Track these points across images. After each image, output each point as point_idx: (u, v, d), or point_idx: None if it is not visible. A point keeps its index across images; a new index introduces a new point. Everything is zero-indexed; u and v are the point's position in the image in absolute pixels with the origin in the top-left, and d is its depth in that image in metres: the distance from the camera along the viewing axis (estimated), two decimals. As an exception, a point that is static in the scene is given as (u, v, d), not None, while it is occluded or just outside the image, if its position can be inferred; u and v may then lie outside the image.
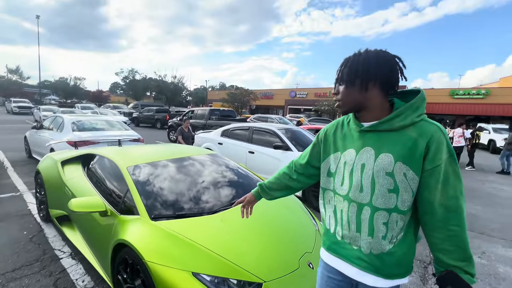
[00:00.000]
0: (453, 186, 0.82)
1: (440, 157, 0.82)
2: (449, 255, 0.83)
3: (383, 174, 0.86)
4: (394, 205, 0.86)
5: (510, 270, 2.58)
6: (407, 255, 0.91)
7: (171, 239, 1.59)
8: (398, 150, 0.85)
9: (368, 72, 0.86)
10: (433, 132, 0.83)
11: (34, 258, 2.35)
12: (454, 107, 26.42)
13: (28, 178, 4.72)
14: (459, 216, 0.82)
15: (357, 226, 0.92)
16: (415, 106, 0.86)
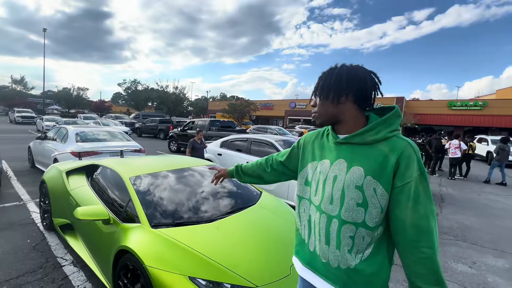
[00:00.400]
0: (423, 205, 0.80)
1: (410, 174, 0.81)
2: (422, 278, 0.81)
3: (353, 187, 0.85)
4: (362, 219, 0.85)
5: (499, 280, 2.65)
6: (378, 276, 0.88)
7: (170, 245, 1.70)
8: (369, 164, 0.85)
9: (339, 86, 0.89)
10: (403, 148, 0.82)
11: (38, 265, 2.44)
12: (452, 118, 26.68)
13: (31, 187, 4.83)
14: (431, 237, 0.80)
15: (326, 238, 0.91)
16: (389, 122, 0.87)
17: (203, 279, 1.51)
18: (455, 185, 7.36)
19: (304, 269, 1.01)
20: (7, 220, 3.38)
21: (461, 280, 2.59)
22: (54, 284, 2.19)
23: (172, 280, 1.50)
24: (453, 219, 4.45)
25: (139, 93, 45.11)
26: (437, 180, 8.05)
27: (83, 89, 47.56)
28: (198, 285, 1.48)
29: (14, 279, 2.22)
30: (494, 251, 3.28)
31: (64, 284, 2.20)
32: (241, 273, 1.58)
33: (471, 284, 2.54)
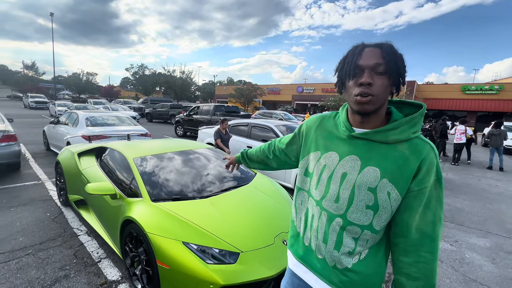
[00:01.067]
0: (433, 211, 0.77)
1: (428, 179, 0.76)
2: (413, 282, 0.78)
3: (365, 189, 0.78)
4: (369, 222, 0.80)
5: (476, 256, 2.83)
6: (375, 278, 0.85)
7: (167, 216, 1.95)
8: (387, 166, 0.77)
9: (402, 67, 0.76)
10: (427, 152, 0.77)
11: (57, 234, 2.78)
12: (465, 103, 25.80)
13: (47, 168, 5.22)
14: (434, 243, 0.77)
15: (325, 236, 0.86)
16: (414, 122, 0.79)
17: (195, 244, 1.76)
18: (458, 170, 7.39)
19: (297, 264, 0.96)
20: (28, 197, 3.75)
21: (439, 256, 2.77)
22: (72, 249, 2.52)
23: (169, 244, 1.76)
24: (447, 202, 4.57)
25: (147, 78, 45.38)
26: (440, 165, 8.06)
27: (92, 74, 48.20)
28: (190, 249, 1.73)
29: (38, 244, 2.57)
30: (479, 232, 3.44)
31: (80, 250, 2.52)
32: (229, 241, 1.82)
33: (448, 259, 2.73)
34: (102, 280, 2.11)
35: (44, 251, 2.46)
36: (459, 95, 26.37)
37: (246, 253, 1.78)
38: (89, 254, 2.46)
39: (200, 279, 1.61)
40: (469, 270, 2.55)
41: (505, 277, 2.48)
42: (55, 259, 2.35)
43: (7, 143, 4.42)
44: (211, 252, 1.75)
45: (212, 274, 1.61)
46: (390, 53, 0.74)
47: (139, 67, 49.99)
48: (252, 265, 1.73)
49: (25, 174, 4.83)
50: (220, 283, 1.59)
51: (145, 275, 1.94)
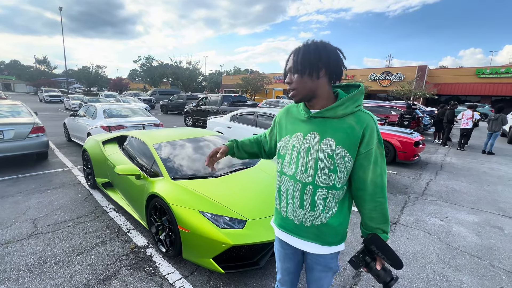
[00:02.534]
0: (380, 166, 0.99)
1: (372, 142, 0.97)
2: (374, 221, 1.03)
3: (325, 157, 0.98)
4: (332, 183, 1.01)
5: (463, 229, 3.10)
6: (342, 225, 1.07)
7: (185, 191, 2.31)
8: (339, 136, 0.97)
9: (319, 60, 0.94)
10: (368, 121, 0.97)
11: (90, 211, 3.22)
12: (479, 87, 25.00)
13: (71, 157, 5.72)
14: (384, 189, 1.01)
15: (301, 203, 1.05)
16: (355, 98, 0.98)
17: (209, 212, 2.12)
18: (462, 155, 7.49)
19: (279, 231, 1.18)
20: (60, 181, 4.23)
21: (428, 229, 3.07)
22: (104, 223, 2.95)
23: (188, 213, 2.12)
24: (444, 184, 4.80)
25: (154, 70, 45.71)
26: (445, 150, 8.17)
27: (101, 67, 48.92)
28: (206, 216, 2.09)
29: (76, 219, 3.01)
30: (471, 209, 3.68)
31: (111, 223, 2.95)
32: (237, 210, 2.17)
33: (436, 231, 3.02)
34: (133, 245, 2.52)
35: (82, 224, 2.90)
36: (473, 79, 25.53)
37: (252, 221, 2.13)
38: (119, 226, 2.88)
39: (215, 240, 1.98)
40: (453, 241, 2.83)
41: (485, 246, 2.75)
42: (92, 229, 2.78)
43: (37, 134, 4.90)
44: (223, 219, 2.10)
45: (224, 236, 1.97)
46: (302, 54, 0.95)
47: (146, 58, 50.35)
48: (257, 230, 2.08)
49: (53, 162, 5.34)
50: (230, 243, 1.94)
51: (168, 240, 2.33)
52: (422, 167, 5.95)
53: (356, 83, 1.05)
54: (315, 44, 0.96)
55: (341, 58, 0.98)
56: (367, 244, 1.01)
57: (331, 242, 1.07)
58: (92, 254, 2.36)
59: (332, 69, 0.96)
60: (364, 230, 1.08)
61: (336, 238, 1.07)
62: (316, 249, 1.08)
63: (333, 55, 0.96)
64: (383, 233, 1.03)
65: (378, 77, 27.70)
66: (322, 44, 0.96)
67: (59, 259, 2.27)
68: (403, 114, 9.27)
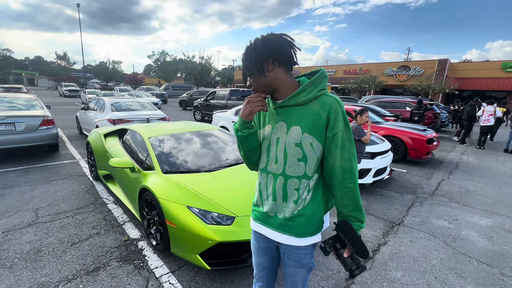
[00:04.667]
0: (348, 150, 0.95)
1: (338, 126, 0.94)
2: (346, 208, 0.99)
3: (293, 145, 0.97)
4: (303, 172, 0.99)
5: (472, 233, 2.88)
6: (316, 215, 1.04)
7: (175, 185, 2.28)
8: (305, 123, 0.96)
9: (259, 56, 0.94)
10: (331, 104, 0.94)
11: (90, 202, 3.29)
12: (505, 82, 23.37)
13: (80, 149, 5.89)
14: (353, 175, 0.97)
15: (273, 195, 1.05)
16: (317, 83, 0.96)
17: (197, 208, 2.07)
18: (481, 154, 7.04)
19: (253, 223, 1.18)
20: (66, 172, 4.36)
21: (434, 232, 2.88)
22: (102, 214, 2.99)
23: (175, 207, 2.09)
24: (458, 184, 4.51)
25: (168, 65, 46.40)
26: (463, 149, 7.71)
27: (117, 62, 50.28)
28: (193, 211, 2.05)
29: (75, 209, 3.08)
30: (484, 212, 3.43)
31: (108, 215, 2.99)
32: (227, 206, 2.11)
33: (442, 235, 2.83)
34: (126, 237, 2.54)
35: (80, 215, 2.95)
36: (499, 73, 23.86)
37: (241, 217, 2.06)
38: (115, 218, 2.92)
39: (201, 235, 1.93)
40: (460, 245, 2.64)
41: (496, 252, 2.54)
42: (89, 221, 2.83)
43: (47, 127, 5.06)
44: (211, 215, 2.05)
45: (210, 232, 1.92)
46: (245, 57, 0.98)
47: (160, 54, 51.23)
48: (246, 227, 2.01)
49: (63, 154, 5.52)
50: (216, 239, 1.89)
51: (158, 234, 2.32)
52: (435, 166, 5.64)
53: (319, 69, 1.02)
54: (255, 42, 0.97)
55: (285, 43, 0.95)
56: (337, 230, 1.01)
57: (305, 233, 1.04)
58: (85, 245, 2.39)
59: (279, 58, 0.95)
60: (338, 217, 1.06)
61: (310, 229, 1.04)
62: (289, 241, 1.06)
63: (274, 44, 0.94)
64: (358, 221, 1.00)
65: (394, 72, 26.56)
66: (262, 38, 0.96)
67: (53, 249, 2.32)
68: (413, 109, 8.87)
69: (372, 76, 22.56)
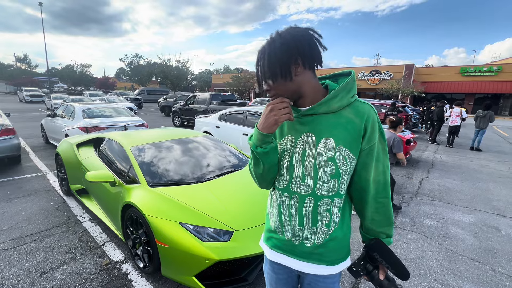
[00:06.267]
0: (382, 162, 0.85)
1: (375, 136, 0.83)
2: (377, 224, 0.89)
3: (325, 160, 0.83)
4: (336, 190, 0.86)
5: (460, 231, 2.99)
6: (346, 236, 0.92)
7: (164, 200, 2.07)
8: (338, 133, 0.82)
9: (289, 56, 0.77)
10: (368, 111, 0.83)
11: (61, 221, 2.92)
12: (463, 86, 25.68)
13: (47, 161, 5.32)
14: (387, 188, 0.87)
15: (299, 220, 0.89)
16: (349, 87, 0.84)
17: (191, 224, 1.89)
18: (451, 152, 7.53)
19: (271, 253, 0.99)
20: (31, 188, 3.87)
21: (425, 231, 2.94)
22: (76, 235, 2.66)
23: (166, 225, 1.88)
24: (437, 182, 4.73)
25: (142, 68, 44.65)
26: (435, 148, 8.21)
27: (86, 65, 47.33)
28: (187, 228, 1.86)
29: (44, 231, 2.70)
30: (465, 209, 3.60)
31: (84, 235, 2.66)
32: (223, 220, 1.95)
33: (433, 234, 2.89)
34: (107, 261, 2.26)
35: (51, 237, 2.60)
36: (458, 77, 26.18)
37: (239, 231, 1.91)
38: (93, 238, 2.60)
39: (197, 255, 1.75)
40: (451, 244, 2.71)
41: (484, 248, 2.64)
42: (61, 243, 2.49)
43: (6, 137, 4.49)
44: (207, 231, 1.88)
45: (207, 250, 1.74)
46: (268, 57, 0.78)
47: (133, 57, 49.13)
48: (245, 242, 1.86)
49: (26, 166, 4.93)
50: (215, 258, 1.72)
51: (146, 255, 2.08)
52: (414, 165, 5.90)
53: (345, 71, 0.90)
54: (279, 37, 0.78)
55: (313, 40, 0.80)
56: (369, 250, 0.89)
57: (337, 259, 0.92)
58: (59, 274, 2.08)
59: (309, 59, 0.80)
60: (365, 234, 0.95)
61: (342, 253, 0.93)
62: (319, 270, 0.91)
63: (304, 40, 0.78)
64: (387, 237, 0.91)
65: (367, 76, 27.98)
66: (288, 32, 0.78)
67: (18, 281, 1.98)
68: (387, 111, 9.36)
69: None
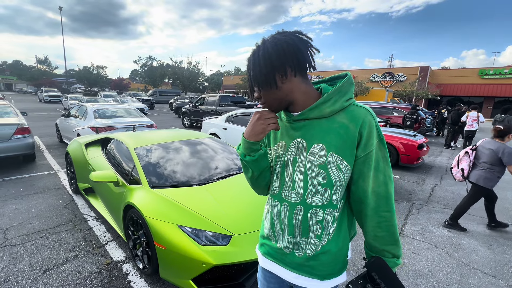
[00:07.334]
0: (382, 172, 0.79)
1: (372, 143, 0.77)
2: (380, 241, 0.82)
3: (316, 168, 0.79)
4: (328, 200, 0.81)
5: (473, 242, 2.83)
6: (342, 250, 0.87)
7: (164, 202, 2.07)
8: (331, 140, 0.78)
9: (271, 65, 0.74)
10: (364, 116, 0.77)
11: (68, 219, 2.98)
12: (482, 88, 24.64)
13: (60, 159, 5.50)
14: (389, 201, 0.80)
15: (290, 229, 0.86)
16: (344, 91, 0.79)
17: (189, 227, 1.87)
18: (466, 158, 7.20)
19: (263, 259, 0.97)
20: (43, 185, 4.00)
21: (435, 241, 2.80)
22: (81, 233, 2.71)
23: (165, 227, 1.88)
24: (450, 190, 4.52)
25: (155, 70, 45.62)
26: (449, 153, 7.89)
27: (102, 67, 48.91)
28: (185, 231, 1.85)
29: (51, 228, 2.77)
30: (480, 219, 3.41)
31: (89, 233, 2.71)
32: (222, 224, 1.92)
33: (444, 244, 2.75)
34: (108, 260, 2.28)
35: (57, 234, 2.66)
36: (476, 80, 25.16)
37: (238, 236, 1.88)
38: (97, 237, 2.64)
39: (194, 259, 1.73)
40: (463, 255, 2.57)
41: (499, 262, 2.49)
42: (66, 241, 2.54)
43: (22, 136, 4.67)
44: (205, 234, 1.86)
45: (204, 254, 1.72)
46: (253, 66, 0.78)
47: (147, 59, 50.35)
48: (244, 247, 1.82)
49: (40, 164, 5.11)
50: (212, 263, 1.70)
51: (145, 256, 2.08)
52: (426, 171, 5.68)
53: (342, 74, 0.84)
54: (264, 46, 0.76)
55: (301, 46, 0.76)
56: (368, 269, 0.83)
57: (330, 274, 0.87)
58: (61, 271, 2.12)
59: (295, 65, 0.76)
60: (368, 251, 0.87)
61: (335, 268, 0.87)
62: (310, 284, 0.87)
63: (288, 47, 0.74)
64: (393, 257, 0.83)
65: (379, 78, 27.38)
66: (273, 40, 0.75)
67: (22, 277, 2.03)
68: (406, 114, 9.08)
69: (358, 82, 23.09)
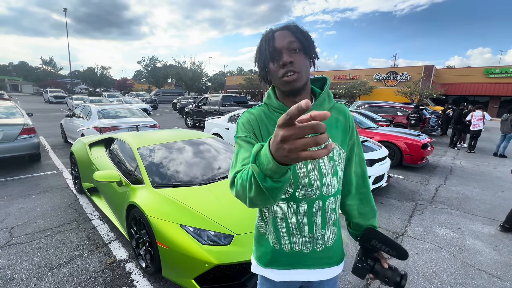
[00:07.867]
0: (358, 154, 0.91)
1: (354, 131, 0.90)
2: (364, 217, 0.92)
3: (328, 160, 0.83)
4: (337, 188, 0.86)
5: (478, 243, 2.79)
6: (339, 229, 0.92)
7: (167, 201, 2.08)
8: (332, 132, 0.84)
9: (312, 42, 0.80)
10: (347, 109, 0.89)
11: (72, 219, 3.02)
12: (488, 88, 24.31)
13: (65, 159, 5.56)
14: (366, 178, 0.93)
15: (309, 226, 0.83)
16: (329, 91, 0.88)
17: (191, 226, 1.88)
18: (472, 158, 7.12)
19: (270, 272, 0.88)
20: (48, 185, 4.05)
21: (439, 242, 2.78)
22: (85, 232, 2.74)
23: (167, 226, 1.89)
24: (455, 190, 4.47)
25: (158, 70, 45.89)
26: (454, 153, 7.80)
27: (106, 68, 49.24)
28: (187, 231, 1.85)
29: (56, 227, 2.81)
30: (485, 219, 3.37)
31: (92, 232, 2.74)
32: (224, 224, 1.93)
33: (448, 245, 2.72)
34: (111, 259, 2.30)
35: (61, 233, 2.69)
36: (482, 79, 24.82)
37: (240, 235, 1.88)
38: (100, 236, 2.67)
39: (196, 258, 1.74)
40: (468, 256, 2.54)
41: (505, 263, 2.45)
42: (71, 240, 2.57)
43: (27, 136, 4.73)
44: (207, 234, 1.86)
45: (206, 254, 1.73)
46: (298, 32, 0.78)
47: (150, 59, 50.73)
48: (245, 246, 1.83)
49: (45, 164, 5.17)
50: (214, 262, 1.70)
51: (148, 255, 2.10)
52: (430, 171, 5.63)
53: (319, 77, 0.93)
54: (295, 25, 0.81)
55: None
56: (367, 240, 0.88)
57: (340, 259, 0.91)
58: (65, 270, 2.14)
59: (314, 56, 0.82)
60: (353, 232, 0.97)
61: (341, 251, 0.92)
62: (328, 273, 0.89)
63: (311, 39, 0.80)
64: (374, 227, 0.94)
65: (383, 77, 27.18)
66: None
67: (27, 275, 2.06)
68: (410, 113, 9.01)
69: (362, 81, 23.00)
